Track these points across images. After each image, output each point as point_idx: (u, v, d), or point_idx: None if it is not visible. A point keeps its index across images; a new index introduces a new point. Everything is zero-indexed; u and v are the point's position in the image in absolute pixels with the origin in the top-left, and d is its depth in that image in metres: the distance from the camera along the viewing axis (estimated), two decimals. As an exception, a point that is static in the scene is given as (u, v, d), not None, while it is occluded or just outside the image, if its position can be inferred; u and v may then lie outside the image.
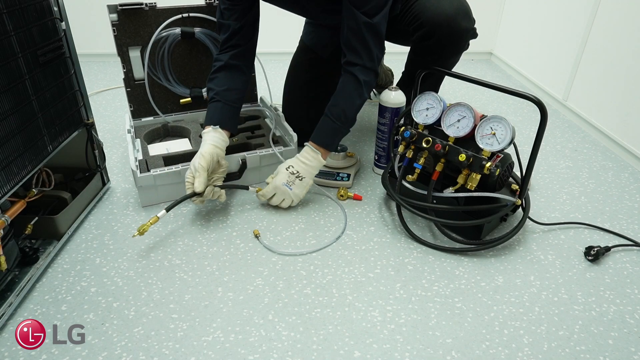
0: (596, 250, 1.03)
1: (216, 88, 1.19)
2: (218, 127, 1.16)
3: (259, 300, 0.92)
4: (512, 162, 1.05)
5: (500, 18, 2.28)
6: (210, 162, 1.10)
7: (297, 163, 1.15)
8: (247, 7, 1.17)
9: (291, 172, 1.14)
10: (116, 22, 1.32)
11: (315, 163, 1.15)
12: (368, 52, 1.11)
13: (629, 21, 1.42)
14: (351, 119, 1.16)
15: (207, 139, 1.14)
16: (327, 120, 1.15)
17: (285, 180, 1.13)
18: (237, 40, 1.19)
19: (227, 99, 1.19)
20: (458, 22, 1.16)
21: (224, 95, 1.19)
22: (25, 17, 0.90)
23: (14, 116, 0.87)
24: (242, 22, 1.17)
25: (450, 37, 1.17)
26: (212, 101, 1.20)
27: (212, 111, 1.19)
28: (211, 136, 1.14)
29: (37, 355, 0.80)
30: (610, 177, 1.36)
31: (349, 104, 1.14)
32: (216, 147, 1.13)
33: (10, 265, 0.90)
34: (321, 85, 1.44)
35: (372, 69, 1.13)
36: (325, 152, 1.16)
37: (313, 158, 1.15)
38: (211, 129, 1.16)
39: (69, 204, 1.06)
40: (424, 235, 1.09)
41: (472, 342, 0.84)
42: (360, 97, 1.14)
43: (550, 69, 1.86)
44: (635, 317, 0.89)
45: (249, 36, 1.21)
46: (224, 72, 1.21)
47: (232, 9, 1.16)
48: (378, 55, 1.13)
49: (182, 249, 1.05)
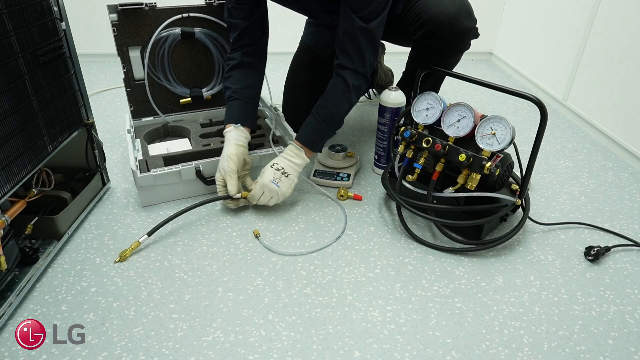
0: (596, 250, 1.03)
1: (233, 86, 1.21)
2: (239, 125, 1.18)
3: (259, 300, 0.92)
4: (512, 162, 1.05)
5: (500, 18, 2.28)
6: (238, 164, 1.13)
7: (281, 160, 1.15)
8: (254, 6, 1.17)
9: (276, 168, 1.13)
10: (116, 22, 1.31)
11: (299, 160, 1.15)
12: (361, 57, 1.11)
13: (629, 21, 1.42)
14: (337, 122, 1.17)
15: (230, 138, 1.16)
16: (313, 121, 1.15)
17: (272, 177, 1.12)
18: (247, 39, 1.20)
19: (244, 97, 1.21)
20: (460, 21, 1.16)
21: (241, 93, 1.21)
22: (25, 17, 0.90)
23: (14, 116, 0.87)
24: (250, 20, 1.18)
25: (452, 36, 1.18)
26: (230, 99, 1.21)
27: (231, 110, 1.21)
28: (234, 135, 1.16)
29: (37, 355, 0.80)
30: (610, 177, 1.36)
31: (336, 106, 1.15)
32: (240, 145, 1.15)
33: (10, 265, 0.90)
34: (321, 85, 1.43)
35: (363, 74, 1.13)
36: (308, 151, 1.16)
37: (296, 155, 1.15)
38: (233, 127, 1.18)
39: (69, 204, 1.06)
40: (424, 235, 1.09)
41: (472, 342, 0.84)
42: (348, 101, 1.15)
43: (550, 69, 1.86)
44: (635, 317, 0.89)
45: (259, 34, 1.22)
46: (238, 70, 1.22)
47: (239, 8, 1.16)
48: (371, 60, 1.13)
49: (182, 249, 1.05)
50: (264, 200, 1.15)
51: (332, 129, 1.17)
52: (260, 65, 1.26)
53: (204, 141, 1.35)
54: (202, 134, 1.39)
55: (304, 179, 1.28)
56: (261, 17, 1.20)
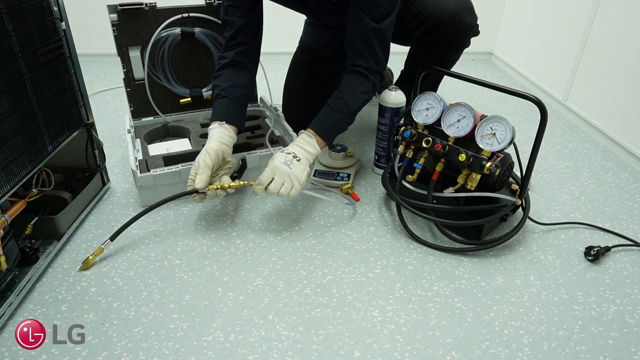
0: (596, 250, 1.03)
1: (222, 84, 1.17)
2: (224, 122, 1.13)
3: (259, 300, 0.92)
4: (512, 162, 1.05)
5: (500, 18, 2.28)
6: (215, 160, 1.06)
7: (292, 146, 1.10)
8: (252, 5, 1.16)
9: (287, 152, 1.07)
10: (116, 22, 1.32)
11: (310, 148, 1.10)
12: (374, 57, 1.11)
13: (629, 21, 1.42)
14: (353, 113, 1.15)
15: (212, 135, 1.11)
16: (328, 110, 1.13)
17: (283, 159, 1.05)
18: (242, 38, 1.18)
19: (233, 95, 1.17)
20: (462, 17, 1.17)
21: (230, 91, 1.17)
22: (25, 17, 0.90)
23: (14, 116, 0.87)
24: (247, 18, 1.16)
25: (454, 31, 1.18)
26: (218, 97, 1.17)
27: (217, 107, 1.17)
28: (217, 132, 1.11)
29: (37, 355, 0.80)
30: (610, 177, 1.36)
31: (353, 97, 1.13)
32: (222, 143, 1.09)
33: (10, 265, 0.90)
34: (321, 85, 1.44)
35: (378, 72, 1.13)
36: (321, 141, 1.12)
37: (307, 143, 1.10)
38: (217, 124, 1.13)
39: (69, 204, 1.06)
40: (424, 235, 1.09)
41: (472, 342, 0.84)
42: (365, 93, 1.14)
43: (550, 69, 1.86)
44: (635, 317, 0.89)
45: (254, 34, 1.20)
46: (229, 69, 1.19)
47: (237, 6, 1.15)
48: (384, 59, 1.14)
49: (182, 249, 1.05)
50: (275, 188, 1.04)
51: (346, 120, 1.14)
52: (252, 65, 1.23)
53: (204, 141, 1.34)
54: (202, 134, 1.39)
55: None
56: (257, 16, 1.19)
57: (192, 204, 1.20)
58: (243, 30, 1.18)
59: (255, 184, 1.06)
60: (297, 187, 1.04)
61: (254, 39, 1.21)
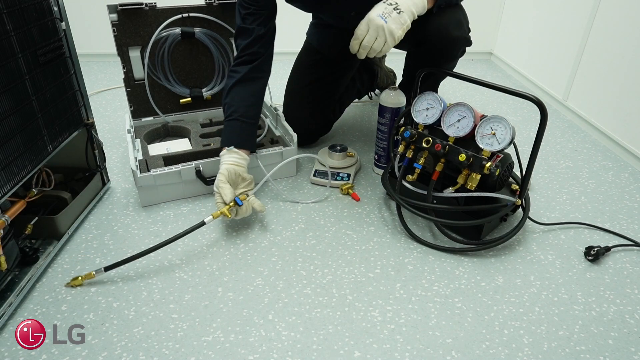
0: (596, 250, 1.03)
1: (234, 105, 1.14)
2: (233, 147, 1.11)
3: (259, 300, 0.92)
4: (512, 162, 1.05)
5: (500, 18, 2.28)
6: (228, 176, 1.06)
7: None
8: (272, 14, 1.15)
9: (388, 3, 0.99)
10: (116, 22, 1.32)
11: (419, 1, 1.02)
12: None
13: (629, 21, 1.42)
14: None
15: (222, 161, 1.10)
16: None
17: (382, 11, 0.98)
18: (258, 47, 1.15)
19: (246, 116, 1.14)
20: (449, 31, 1.16)
21: (242, 112, 1.14)
22: (25, 17, 0.90)
23: (14, 116, 0.87)
24: (266, 27, 1.14)
25: (443, 44, 1.18)
26: (230, 119, 1.14)
27: (229, 131, 1.14)
28: (226, 157, 1.10)
29: (37, 355, 0.80)
30: (610, 177, 1.36)
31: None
32: (233, 164, 1.09)
33: (10, 265, 0.90)
34: (325, 87, 1.43)
35: None
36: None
37: None
38: (226, 150, 1.11)
39: (69, 204, 1.06)
40: (424, 235, 1.09)
41: (472, 342, 0.84)
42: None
43: (550, 69, 1.86)
44: (635, 317, 0.89)
45: (269, 43, 1.18)
46: (242, 86, 1.15)
47: (257, 14, 1.13)
48: None
49: (182, 249, 1.05)
50: (369, 42, 0.99)
51: None
52: (264, 79, 1.20)
53: (204, 141, 1.35)
54: (202, 134, 1.39)
55: (304, 179, 1.28)
56: (274, 26, 1.18)
57: (192, 203, 1.20)
58: (260, 40, 1.15)
59: (352, 39, 1.01)
60: (390, 42, 0.99)
61: (268, 49, 1.18)
